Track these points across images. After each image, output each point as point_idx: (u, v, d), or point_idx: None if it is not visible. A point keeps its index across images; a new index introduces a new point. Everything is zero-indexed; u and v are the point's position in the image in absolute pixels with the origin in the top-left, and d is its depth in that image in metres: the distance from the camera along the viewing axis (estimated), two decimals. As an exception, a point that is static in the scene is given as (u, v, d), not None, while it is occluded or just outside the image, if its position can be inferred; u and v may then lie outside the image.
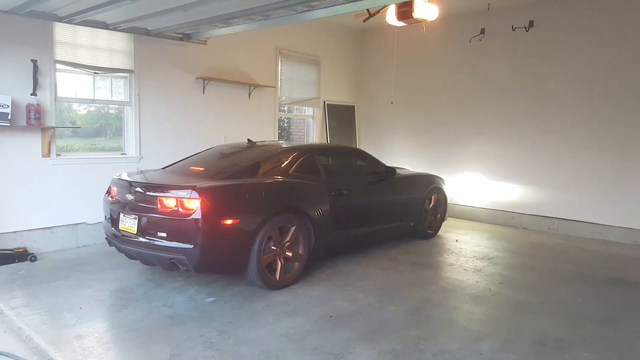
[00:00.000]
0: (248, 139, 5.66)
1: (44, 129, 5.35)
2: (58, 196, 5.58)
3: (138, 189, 4.27)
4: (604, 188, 6.81)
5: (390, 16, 5.41)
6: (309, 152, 5.15)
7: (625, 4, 6.51)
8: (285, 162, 4.87)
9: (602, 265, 5.51)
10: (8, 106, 4.96)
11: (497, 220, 7.88)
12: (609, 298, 4.47)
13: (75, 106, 6.09)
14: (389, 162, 7.40)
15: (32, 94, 5.21)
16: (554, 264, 5.52)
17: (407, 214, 6.16)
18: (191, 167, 4.95)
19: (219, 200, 4.04)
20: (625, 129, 6.59)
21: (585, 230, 7.00)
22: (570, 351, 3.34)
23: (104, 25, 5.55)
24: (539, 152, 7.39)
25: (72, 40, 5.56)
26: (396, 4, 5.18)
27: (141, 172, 5.17)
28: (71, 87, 5.75)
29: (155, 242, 4.05)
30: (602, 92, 6.77)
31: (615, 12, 6.59)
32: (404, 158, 8.89)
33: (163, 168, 5.24)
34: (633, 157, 6.55)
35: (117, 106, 6.25)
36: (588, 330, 3.71)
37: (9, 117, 4.98)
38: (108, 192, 4.75)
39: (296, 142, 8.52)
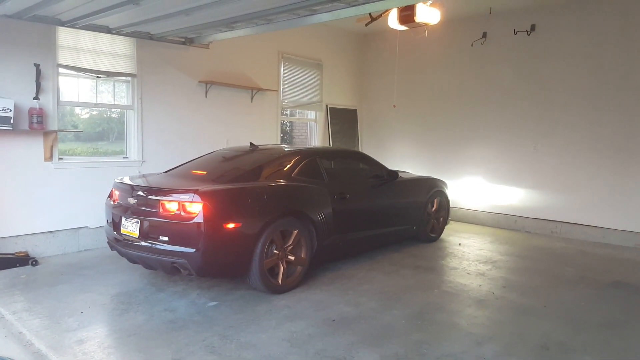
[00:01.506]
0: (250, 143, 5.66)
1: (46, 133, 5.36)
2: (60, 200, 5.58)
3: (140, 193, 4.27)
4: (607, 191, 6.78)
5: (392, 20, 5.42)
6: (311, 156, 5.14)
7: (626, 8, 6.50)
8: (288, 166, 4.87)
9: (605, 269, 5.49)
10: (10, 110, 4.98)
11: (500, 223, 7.85)
12: (612, 302, 4.44)
13: (77, 110, 6.10)
14: (391, 165, 7.39)
15: (34, 98, 5.23)
16: (557, 268, 5.49)
17: (410, 217, 6.14)
18: (193, 171, 4.94)
19: (221, 204, 4.03)
20: (628, 132, 6.57)
21: (588, 234, 6.98)
22: (573, 355, 3.32)
23: (107, 30, 5.57)
24: (541, 155, 7.38)
25: (74, 45, 5.58)
26: (398, 8, 5.18)
27: (143, 176, 5.18)
28: (73, 91, 5.76)
29: (157, 246, 4.05)
30: (604, 95, 6.75)
31: (616, 15, 6.58)
32: (406, 161, 8.87)
33: (165, 172, 5.24)
34: (636, 161, 6.53)
35: (119, 110, 6.26)
36: (591, 334, 3.69)
37: (12, 121, 4.99)
38: (110, 196, 4.75)
39: (298, 145, 8.52)
